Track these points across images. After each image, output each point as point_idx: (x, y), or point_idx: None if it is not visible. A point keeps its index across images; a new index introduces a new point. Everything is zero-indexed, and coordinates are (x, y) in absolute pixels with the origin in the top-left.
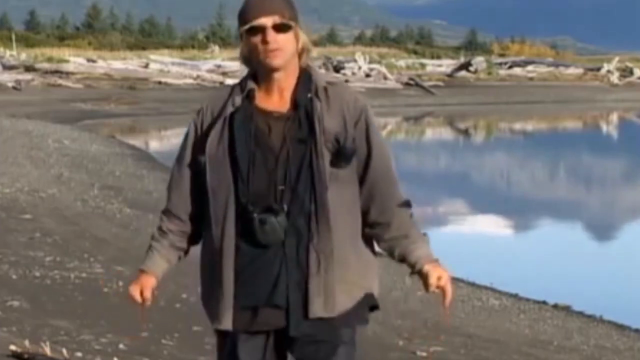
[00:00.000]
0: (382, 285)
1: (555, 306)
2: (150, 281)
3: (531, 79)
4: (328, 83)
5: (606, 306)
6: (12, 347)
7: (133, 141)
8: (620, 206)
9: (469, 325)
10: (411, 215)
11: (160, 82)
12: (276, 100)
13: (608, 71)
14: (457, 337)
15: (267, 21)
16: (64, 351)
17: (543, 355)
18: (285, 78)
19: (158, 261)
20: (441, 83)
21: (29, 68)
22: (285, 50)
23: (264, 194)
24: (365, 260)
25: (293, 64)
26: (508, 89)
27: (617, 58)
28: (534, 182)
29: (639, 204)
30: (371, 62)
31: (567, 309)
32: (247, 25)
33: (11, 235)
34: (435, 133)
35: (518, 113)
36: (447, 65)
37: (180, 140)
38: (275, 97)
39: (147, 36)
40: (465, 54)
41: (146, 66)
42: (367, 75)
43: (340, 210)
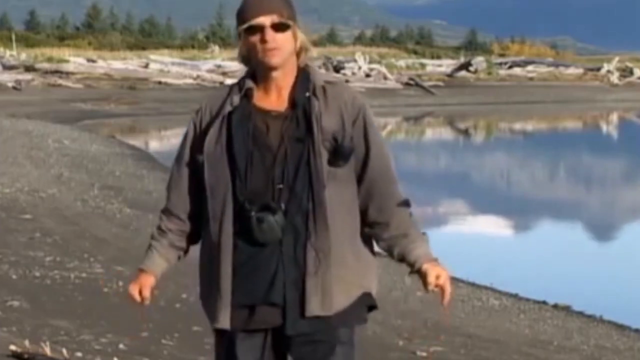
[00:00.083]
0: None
1: (555, 306)
2: (149, 280)
3: (531, 79)
4: (326, 82)
5: (606, 306)
6: (12, 347)
7: (133, 141)
8: (620, 206)
9: (469, 325)
10: (410, 214)
11: (160, 82)
12: (274, 99)
13: (608, 71)
14: (457, 337)
15: (266, 20)
16: (64, 351)
17: (543, 355)
18: (283, 77)
19: (157, 260)
20: (441, 83)
21: (29, 68)
22: (283, 49)
23: (262, 193)
24: (363, 259)
25: (291, 63)
26: (508, 89)
27: (617, 58)
28: (534, 182)
29: (639, 204)
30: (371, 62)
31: (567, 309)
32: (246, 24)
33: (11, 235)
34: (435, 133)
35: (518, 113)
36: (447, 65)
37: (180, 140)
38: (273, 96)
39: (147, 36)
40: (465, 54)
41: (146, 66)
42: (367, 75)
43: (338, 209)
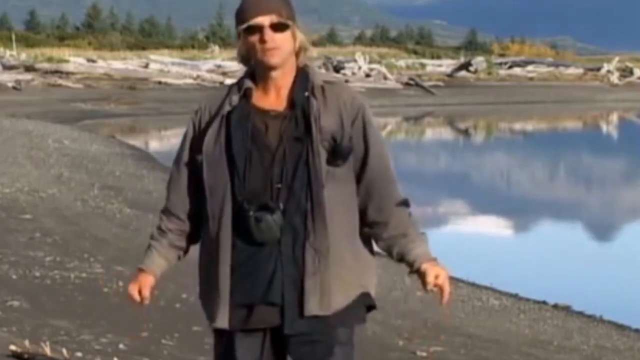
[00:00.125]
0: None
1: (555, 306)
2: (148, 280)
3: (531, 79)
4: (325, 82)
5: (606, 306)
6: (12, 347)
7: (133, 141)
8: (620, 206)
9: (469, 325)
10: (409, 214)
11: (160, 82)
12: (273, 99)
13: (608, 71)
14: (457, 337)
15: (265, 20)
16: (64, 351)
17: (543, 355)
18: (282, 77)
19: (157, 260)
20: (441, 83)
21: (29, 68)
22: (282, 49)
23: (261, 192)
24: (362, 259)
25: (290, 63)
26: (508, 89)
27: (617, 58)
28: (534, 182)
29: (639, 204)
30: (371, 62)
31: (567, 309)
32: (245, 24)
33: (11, 235)
34: (435, 133)
35: (518, 113)
36: (447, 65)
37: (180, 140)
38: (272, 96)
39: (147, 36)
40: (465, 54)
41: (146, 66)
42: (367, 75)
43: (336, 208)
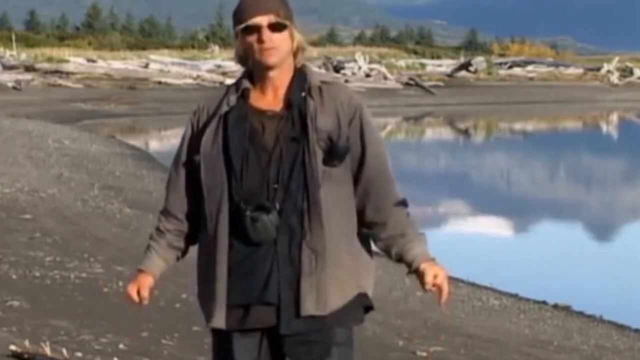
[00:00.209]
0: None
1: (555, 306)
2: (147, 280)
3: (531, 79)
4: (322, 82)
5: (606, 306)
6: (12, 347)
7: (133, 141)
8: (620, 206)
9: (469, 325)
10: (408, 214)
11: (160, 82)
12: (270, 99)
13: (608, 71)
14: (457, 337)
15: (263, 20)
16: (64, 351)
17: (543, 355)
18: (280, 77)
19: (156, 261)
20: (441, 83)
21: (29, 68)
22: (280, 49)
23: (257, 192)
24: (360, 259)
25: (288, 63)
26: (508, 89)
27: (617, 58)
28: (534, 182)
29: (639, 204)
30: (371, 62)
31: (567, 309)
32: (243, 24)
33: (11, 235)
34: (435, 133)
35: (518, 113)
36: (447, 65)
37: (179, 140)
38: (269, 96)
39: (147, 36)
40: (465, 54)
41: (146, 66)
42: (367, 75)
43: (333, 208)
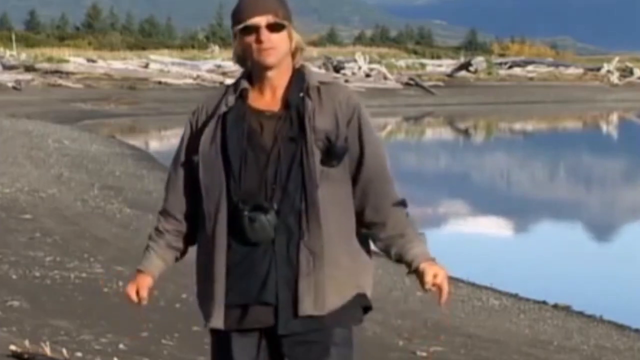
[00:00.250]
0: (382, 285)
1: (555, 306)
2: (146, 281)
3: (531, 79)
4: (321, 82)
5: (606, 306)
6: (12, 347)
7: (133, 141)
8: (620, 206)
9: (469, 325)
10: (407, 214)
11: (160, 82)
12: (269, 99)
13: (608, 71)
14: (457, 337)
15: (261, 20)
16: (64, 351)
17: (543, 355)
18: (278, 77)
19: (154, 261)
20: (441, 83)
21: (29, 68)
22: (278, 49)
23: (255, 193)
24: (359, 260)
25: (286, 63)
26: (508, 89)
27: (617, 58)
28: (534, 182)
29: (639, 204)
30: (371, 62)
31: (567, 309)
32: (241, 24)
33: (11, 235)
34: (435, 133)
35: (518, 113)
36: (447, 65)
37: (179, 140)
38: (268, 96)
39: (147, 36)
40: (465, 54)
41: (146, 66)
42: (367, 75)
43: (331, 208)
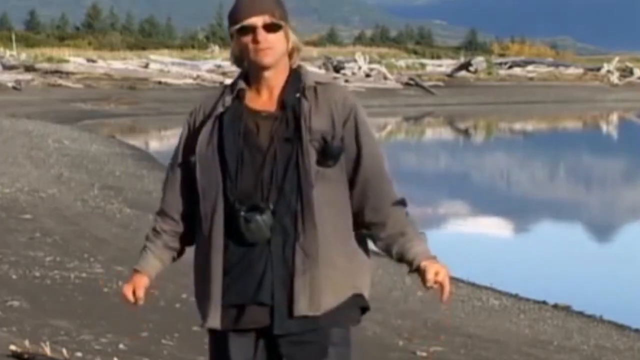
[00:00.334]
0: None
1: (555, 306)
2: (143, 281)
3: (531, 79)
4: (317, 83)
5: (606, 306)
6: (12, 347)
7: (133, 141)
8: (620, 206)
9: (469, 325)
10: (407, 213)
11: (160, 82)
12: (265, 99)
13: (608, 71)
14: (457, 337)
15: (258, 21)
16: (64, 351)
17: (543, 355)
18: (275, 77)
19: (151, 261)
20: (441, 83)
21: (29, 68)
22: (275, 49)
23: (252, 193)
24: (355, 260)
25: (283, 64)
26: (508, 89)
27: (617, 58)
28: (534, 183)
29: (639, 204)
30: (371, 62)
31: (567, 309)
32: (238, 25)
33: (11, 235)
34: (435, 133)
35: (518, 113)
36: (447, 65)
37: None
38: (264, 97)
39: (147, 36)
40: (465, 54)
41: (146, 66)
42: (367, 75)
43: (327, 209)
